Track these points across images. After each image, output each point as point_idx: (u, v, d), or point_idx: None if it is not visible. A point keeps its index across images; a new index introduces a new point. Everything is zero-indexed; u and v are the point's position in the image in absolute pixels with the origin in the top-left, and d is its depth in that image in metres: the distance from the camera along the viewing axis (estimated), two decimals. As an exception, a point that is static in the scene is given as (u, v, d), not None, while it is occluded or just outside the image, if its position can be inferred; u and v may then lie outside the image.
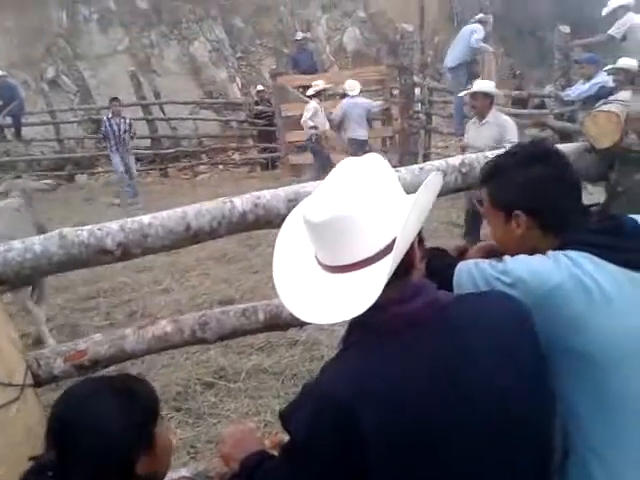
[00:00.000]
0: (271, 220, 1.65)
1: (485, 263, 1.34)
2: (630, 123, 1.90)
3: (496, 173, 1.45)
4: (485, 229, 4.82)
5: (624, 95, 2.09)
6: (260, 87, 13.13)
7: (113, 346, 1.68)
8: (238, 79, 15.71)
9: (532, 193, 1.37)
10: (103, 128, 9.80)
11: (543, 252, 1.35)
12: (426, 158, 9.66)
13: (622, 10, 6.86)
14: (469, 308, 1.14)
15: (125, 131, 9.65)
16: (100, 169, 12.27)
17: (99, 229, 1.57)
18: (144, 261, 5.28)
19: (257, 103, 12.80)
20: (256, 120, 12.49)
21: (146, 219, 1.58)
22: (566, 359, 1.24)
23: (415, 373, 1.04)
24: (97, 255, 1.57)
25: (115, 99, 9.93)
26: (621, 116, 1.91)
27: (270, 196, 1.66)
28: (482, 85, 5.59)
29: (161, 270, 5.81)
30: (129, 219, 1.59)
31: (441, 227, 6.55)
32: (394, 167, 1.39)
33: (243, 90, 15.46)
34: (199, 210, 1.58)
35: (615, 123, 1.89)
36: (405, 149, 9.55)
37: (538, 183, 1.36)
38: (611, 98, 2.20)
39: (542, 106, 8.82)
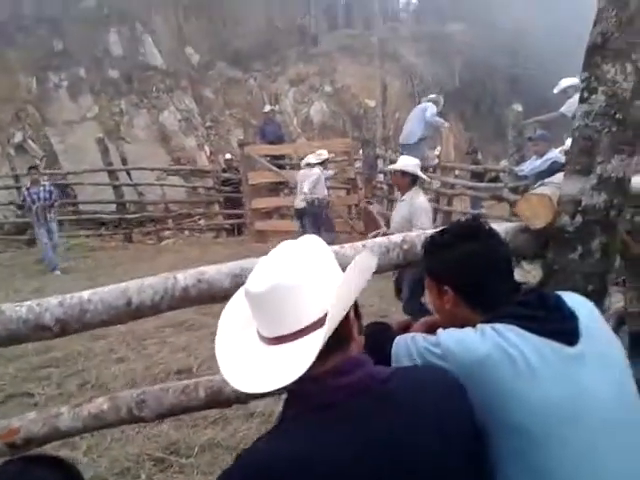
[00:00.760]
0: (214, 295, 1.67)
1: (420, 336, 1.40)
2: (562, 205, 1.98)
3: (430, 248, 1.54)
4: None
5: (559, 177, 2.19)
6: (228, 156, 13.39)
7: (47, 425, 1.63)
8: (207, 147, 15.97)
9: (459, 270, 1.43)
10: (22, 199, 9.51)
11: (473, 325, 1.40)
12: (388, 226, 9.81)
13: (572, 89, 7.19)
14: (406, 382, 1.16)
15: (45, 199, 9.34)
16: (63, 234, 12.10)
17: (38, 304, 1.56)
18: (100, 328, 5.15)
19: (224, 170, 13.01)
20: (223, 187, 12.65)
21: (86, 294, 1.58)
22: (498, 431, 1.25)
23: (350, 447, 1.03)
24: (36, 331, 1.55)
25: (33, 167, 9.70)
26: (553, 198, 2.00)
27: (214, 271, 1.68)
28: (402, 163, 5.44)
29: (117, 338, 5.67)
30: (68, 295, 1.59)
31: (390, 293, 6.56)
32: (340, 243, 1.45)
33: (211, 158, 15.70)
34: (141, 285, 1.59)
35: (547, 206, 1.97)
36: (370, 217, 9.74)
37: (466, 261, 1.42)
38: (546, 180, 2.32)
39: (497, 180, 9.14)
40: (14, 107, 13.96)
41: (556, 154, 6.79)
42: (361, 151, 9.96)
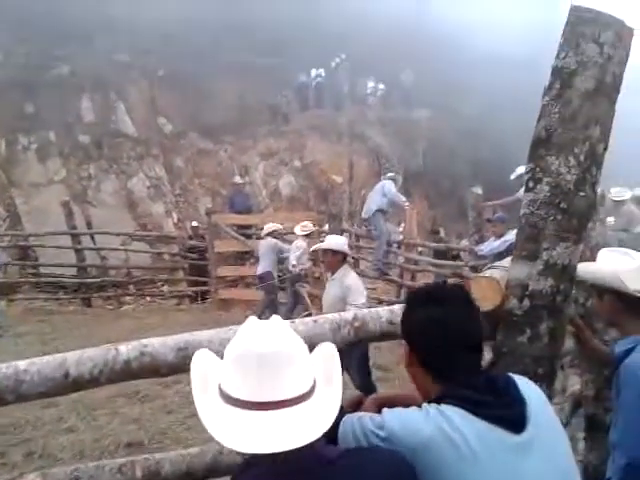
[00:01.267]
0: (157, 369, 1.63)
1: (367, 417, 1.38)
2: (510, 289, 2.03)
3: (408, 303, 1.54)
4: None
5: (508, 261, 2.25)
6: (195, 223, 13.42)
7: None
8: (174, 214, 15.98)
9: (417, 332, 1.44)
10: None
11: (431, 394, 1.40)
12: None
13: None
14: (352, 464, 1.16)
15: None
16: (21, 296, 11.81)
17: (-29, 373, 1.49)
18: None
19: (190, 238, 12.98)
20: (188, 254, 12.58)
21: (22, 364, 1.52)
22: None
23: None
24: (-33, 401, 1.49)
25: None
26: (501, 282, 2.05)
27: (158, 344, 1.64)
28: (331, 241, 5.38)
29: (67, 407, 5.45)
30: (4, 364, 1.53)
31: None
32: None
33: (178, 224, 15.69)
34: (80, 356, 1.54)
35: (495, 289, 2.02)
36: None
37: (423, 324, 1.42)
38: (496, 263, 2.38)
39: (458, 258, 9.33)
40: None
41: (513, 236, 6.97)
42: (327, 225, 10.09)
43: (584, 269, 2.13)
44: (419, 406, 1.38)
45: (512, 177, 7.86)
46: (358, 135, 18.80)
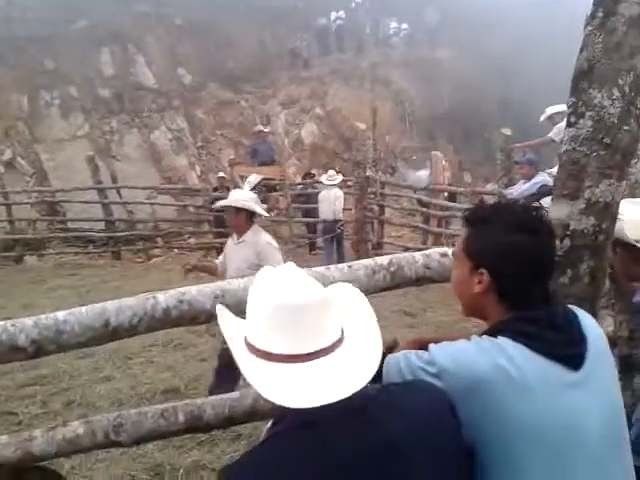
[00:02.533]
0: (196, 317, 1.63)
1: (412, 354, 1.35)
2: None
3: (482, 222, 1.42)
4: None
5: (547, 201, 2.19)
6: (221, 174, 13.37)
7: (20, 449, 1.57)
8: (198, 167, 15.98)
9: (505, 259, 1.35)
10: None
11: (491, 318, 1.37)
12: (379, 246, 9.95)
13: (559, 116, 7.26)
14: (393, 400, 1.15)
15: None
16: (51, 251, 12.05)
17: (13, 325, 1.51)
18: (86, 346, 5.10)
19: (215, 189, 12.97)
20: (213, 206, 12.61)
21: (61, 315, 1.53)
22: (491, 451, 1.22)
23: (333, 467, 1.03)
24: (9, 352, 1.50)
25: None
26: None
27: (196, 292, 1.64)
28: (233, 197, 4.50)
29: (103, 357, 5.60)
30: (43, 315, 1.54)
31: (392, 315, 6.60)
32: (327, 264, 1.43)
33: (202, 177, 15.70)
34: (119, 306, 1.55)
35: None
36: (360, 237, 9.81)
37: (514, 252, 1.34)
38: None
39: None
40: (4, 125, 13.96)
41: (545, 177, 6.83)
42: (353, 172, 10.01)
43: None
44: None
45: (542, 119, 7.62)
46: (381, 79, 18.36)
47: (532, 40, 17.67)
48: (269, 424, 1.18)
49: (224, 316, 1.25)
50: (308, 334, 1.08)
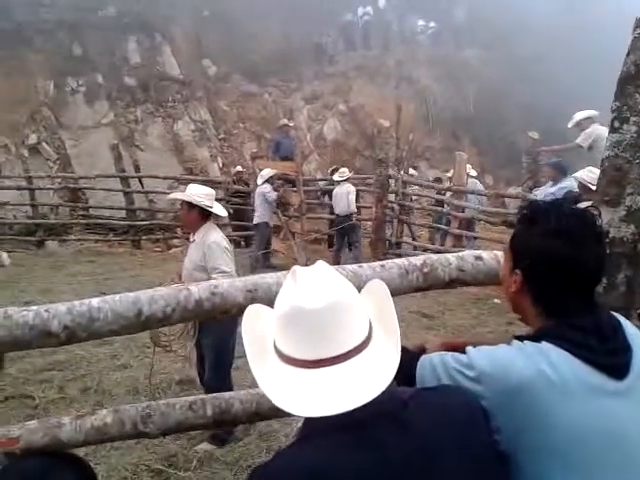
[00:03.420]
0: (228, 309, 1.61)
1: (448, 356, 1.32)
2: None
3: (528, 221, 1.38)
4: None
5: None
6: (239, 168, 13.38)
7: (48, 435, 1.57)
8: (219, 159, 16.02)
9: (539, 264, 1.31)
10: None
11: (529, 321, 1.35)
12: (397, 246, 9.91)
13: (587, 121, 7.19)
14: (426, 405, 1.13)
15: None
16: (72, 237, 12.16)
17: (46, 310, 1.50)
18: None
19: (234, 183, 12.99)
20: (232, 198, 12.62)
21: (95, 302, 1.52)
22: (530, 457, 1.20)
23: (367, 472, 1.02)
24: (41, 337, 1.50)
25: None
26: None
27: (227, 285, 1.63)
28: (187, 192, 4.10)
29: (121, 344, 5.63)
30: (77, 302, 1.53)
31: (409, 316, 6.57)
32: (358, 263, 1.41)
33: (223, 169, 15.74)
34: (152, 296, 1.54)
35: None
36: (378, 235, 9.78)
37: (550, 258, 1.30)
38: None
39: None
40: (30, 109, 14.09)
41: (572, 182, 6.72)
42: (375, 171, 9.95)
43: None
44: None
45: (570, 125, 7.50)
46: (406, 77, 18.26)
47: (559, 46, 17.46)
48: (300, 423, 1.16)
49: (251, 315, 1.23)
50: (329, 338, 1.06)
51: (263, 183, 9.57)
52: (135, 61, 15.79)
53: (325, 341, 1.06)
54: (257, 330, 1.20)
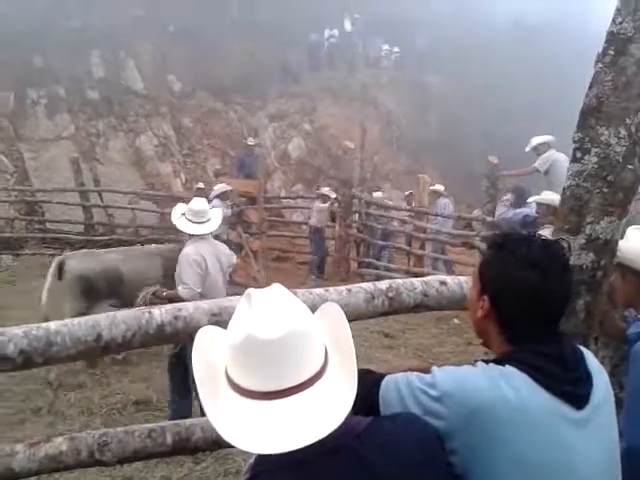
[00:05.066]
0: (191, 334, 1.57)
1: (414, 375, 1.31)
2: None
3: (497, 248, 1.39)
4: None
5: (545, 233, 2.19)
6: (201, 185, 13.24)
7: (1, 463, 1.50)
8: (182, 175, 15.87)
9: (506, 292, 1.32)
10: None
11: (493, 347, 1.36)
12: (361, 265, 9.98)
13: (544, 146, 7.38)
14: (378, 436, 1.11)
15: None
16: (27, 251, 11.81)
17: (1, 334, 1.44)
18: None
19: (196, 200, 12.85)
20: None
21: (53, 326, 1.47)
22: (487, 476, 1.21)
23: None
24: (-5, 361, 1.44)
25: None
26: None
27: (193, 309, 1.59)
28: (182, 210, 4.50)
29: (77, 363, 5.47)
30: (34, 325, 1.47)
31: (370, 336, 6.58)
32: (324, 286, 1.39)
33: (186, 185, 15.58)
34: (113, 319, 1.49)
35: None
36: (340, 255, 9.82)
37: (517, 288, 1.31)
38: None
39: (469, 227, 9.22)
40: (-12, 121, 13.73)
41: (530, 208, 6.87)
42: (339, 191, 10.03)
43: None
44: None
45: (527, 149, 7.68)
46: (370, 99, 18.50)
47: (520, 72, 18.00)
48: (252, 460, 1.10)
49: (203, 340, 1.18)
50: (283, 370, 1.02)
51: (214, 198, 9.48)
52: (98, 75, 15.60)
53: (279, 372, 1.02)
54: (209, 354, 1.15)
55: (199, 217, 4.39)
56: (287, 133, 17.44)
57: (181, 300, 3.84)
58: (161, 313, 1.55)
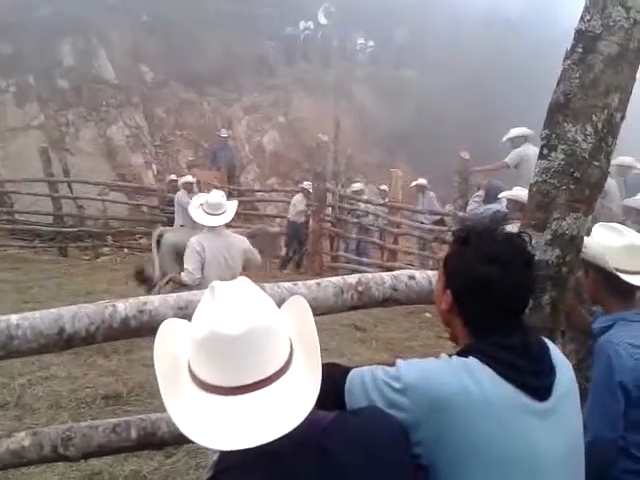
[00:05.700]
0: (156, 328, 1.55)
1: (379, 368, 1.32)
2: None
3: (461, 242, 1.41)
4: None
5: (511, 228, 2.21)
6: (173, 177, 13.10)
7: (-42, 459, 1.46)
8: (154, 166, 15.68)
9: (469, 287, 1.34)
10: None
11: (458, 337, 1.38)
12: (335, 259, 9.99)
13: (519, 140, 7.44)
14: (346, 433, 1.12)
15: None
16: (-7, 242, 11.59)
17: (-41, 327, 1.41)
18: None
19: (169, 191, 12.73)
20: (167, 207, 12.36)
21: (15, 319, 1.43)
22: (447, 471, 1.23)
23: None
24: (-47, 355, 1.40)
25: None
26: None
27: (158, 302, 1.57)
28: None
29: (44, 355, 5.38)
30: (-6, 318, 1.44)
31: (341, 329, 6.60)
32: (294, 280, 1.39)
33: (158, 177, 15.40)
34: (76, 313, 1.46)
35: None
36: (315, 249, 9.83)
37: (480, 282, 1.32)
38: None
39: (442, 222, 9.28)
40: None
41: (500, 204, 6.93)
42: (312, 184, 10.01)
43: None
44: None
45: (504, 139, 7.73)
46: (345, 93, 18.49)
47: (495, 66, 18.17)
48: (215, 457, 1.10)
49: (166, 333, 1.17)
50: (247, 365, 1.02)
51: (178, 190, 9.61)
52: (69, 63, 15.27)
53: (242, 367, 1.01)
54: (172, 348, 1.13)
55: (214, 209, 4.75)
56: (261, 126, 17.35)
57: (185, 285, 4.60)
58: (125, 307, 1.52)
